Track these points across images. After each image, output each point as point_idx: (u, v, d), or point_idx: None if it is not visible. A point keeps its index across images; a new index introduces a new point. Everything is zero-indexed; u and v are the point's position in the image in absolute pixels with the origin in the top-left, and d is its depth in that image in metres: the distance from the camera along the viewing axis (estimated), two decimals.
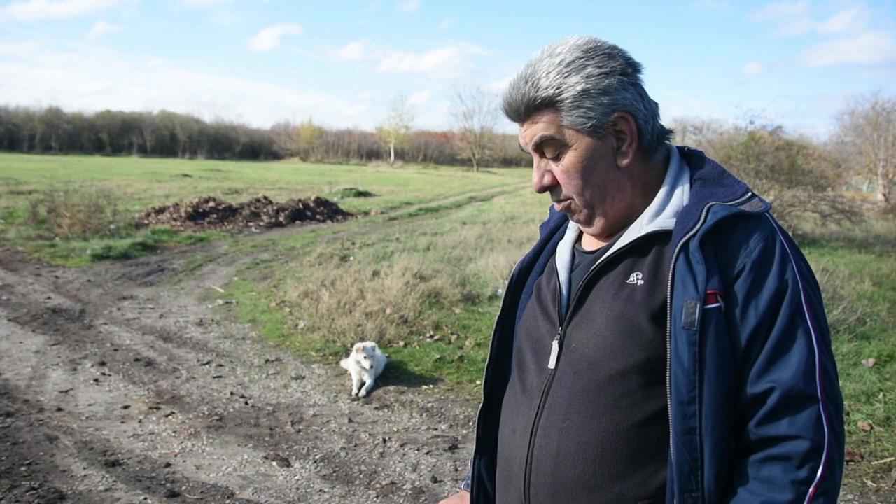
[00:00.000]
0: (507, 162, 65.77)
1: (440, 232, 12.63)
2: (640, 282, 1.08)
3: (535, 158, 1.15)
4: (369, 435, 4.15)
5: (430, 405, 4.66)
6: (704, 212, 1.04)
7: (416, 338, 6.01)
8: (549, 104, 1.08)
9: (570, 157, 1.11)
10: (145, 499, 3.30)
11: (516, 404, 1.19)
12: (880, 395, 4.49)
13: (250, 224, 13.67)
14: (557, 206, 1.19)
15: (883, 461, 3.70)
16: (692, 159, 1.19)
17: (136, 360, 5.34)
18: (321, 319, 6.35)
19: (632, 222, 1.14)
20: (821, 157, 15.41)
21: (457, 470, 3.74)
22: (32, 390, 4.62)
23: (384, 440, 4.08)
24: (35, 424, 4.07)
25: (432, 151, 65.68)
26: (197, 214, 13.58)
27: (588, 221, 1.16)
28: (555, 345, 1.14)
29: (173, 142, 60.89)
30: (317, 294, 7.15)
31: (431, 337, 6.03)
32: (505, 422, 1.23)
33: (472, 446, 1.30)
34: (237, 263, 9.63)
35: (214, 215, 13.79)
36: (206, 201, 14.48)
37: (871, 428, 4.07)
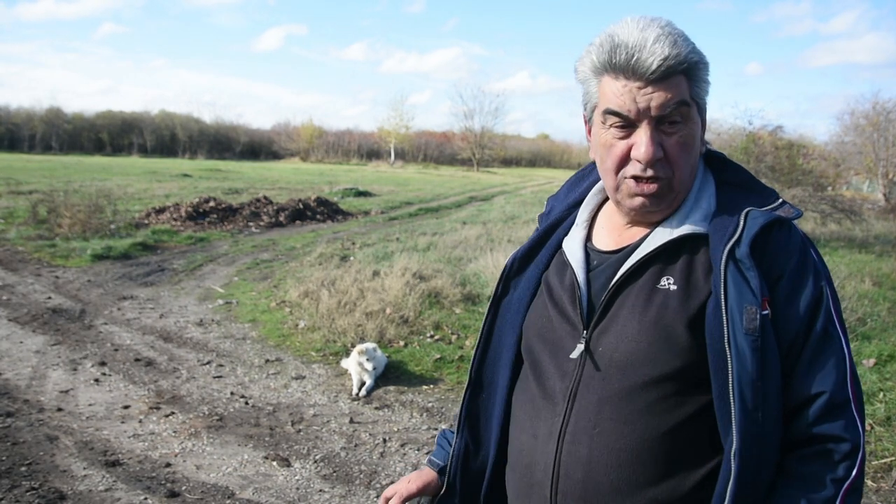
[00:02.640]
0: (507, 162, 65.75)
1: (440, 232, 12.63)
2: (673, 287, 1.07)
3: (647, 128, 1.03)
4: (369, 435, 4.15)
5: (430, 405, 4.66)
6: (743, 218, 1.04)
7: (416, 338, 6.01)
8: (686, 71, 1.03)
9: (688, 130, 1.06)
10: (145, 499, 3.30)
11: (535, 409, 1.16)
12: (881, 395, 4.49)
13: (250, 224, 13.67)
14: (642, 189, 1.07)
15: (883, 461, 3.70)
16: (714, 161, 1.19)
17: (137, 360, 5.34)
18: (321, 319, 6.35)
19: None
20: (821, 157, 15.40)
21: None
22: (32, 390, 4.62)
23: (384, 440, 4.08)
24: (35, 424, 4.07)
25: (432, 151, 65.64)
26: (197, 214, 13.58)
27: (667, 206, 1.11)
28: (580, 348, 1.11)
29: (173, 142, 60.85)
30: (317, 294, 7.15)
31: (431, 337, 6.03)
32: (522, 426, 1.19)
33: (446, 425, 1.29)
34: (237, 263, 9.63)
35: (214, 215, 13.79)
36: (207, 201, 14.48)
37: (872, 428, 4.07)
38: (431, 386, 5.02)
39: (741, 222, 1.04)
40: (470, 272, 8.34)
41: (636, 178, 1.07)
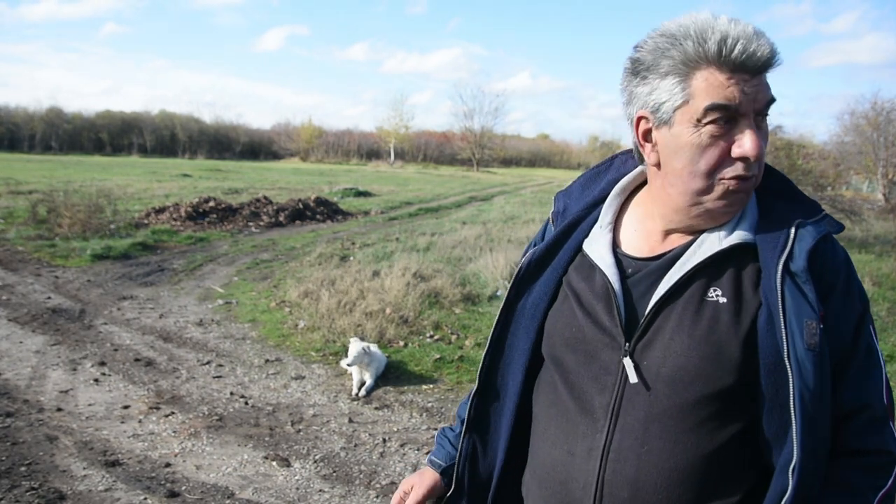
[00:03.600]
0: (507, 162, 65.80)
1: (440, 232, 12.63)
2: (723, 299, 1.02)
3: (751, 122, 0.98)
4: (369, 435, 4.15)
5: (430, 405, 4.66)
6: (793, 230, 1.01)
7: (416, 338, 6.01)
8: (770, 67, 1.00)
9: (765, 129, 1.02)
10: (145, 499, 3.30)
11: (570, 423, 1.11)
12: None
13: (250, 224, 13.67)
14: (739, 185, 1.01)
15: None
16: None
17: (136, 360, 5.34)
18: (321, 319, 6.35)
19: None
20: (821, 157, 15.40)
21: None
22: (32, 390, 4.62)
23: (384, 440, 4.08)
24: (35, 424, 4.07)
25: (432, 151, 65.68)
26: (197, 214, 13.58)
27: (740, 208, 1.06)
28: (627, 362, 1.06)
29: (173, 142, 60.87)
30: (317, 294, 7.15)
31: (431, 337, 6.03)
32: (553, 441, 1.14)
33: (446, 425, 1.29)
34: (237, 263, 9.63)
35: (214, 215, 13.79)
36: (206, 201, 14.48)
37: None
38: (431, 386, 5.02)
39: (792, 234, 1.01)
40: (470, 272, 8.34)
41: (739, 178, 1.00)
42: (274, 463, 3.73)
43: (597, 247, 1.15)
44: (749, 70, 0.97)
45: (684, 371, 1.01)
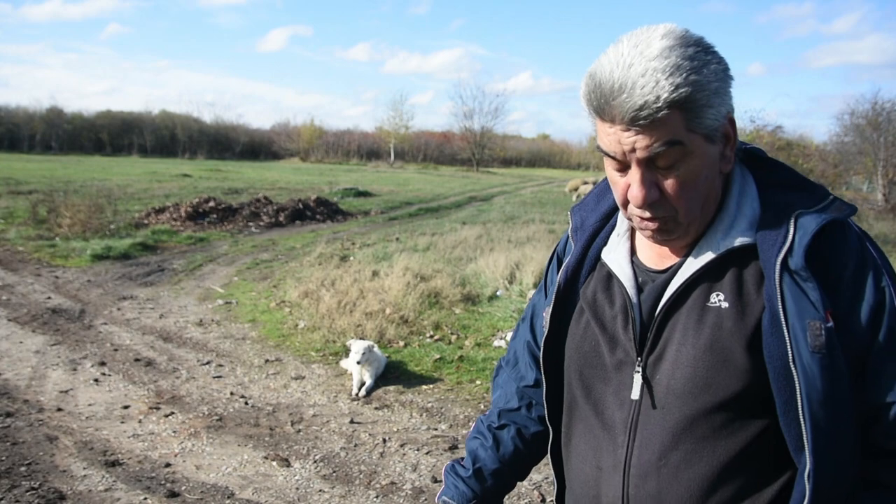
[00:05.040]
0: (507, 162, 65.77)
1: (440, 232, 12.63)
2: (725, 304, 1.00)
3: (637, 170, 0.96)
4: (369, 435, 4.15)
5: (430, 405, 4.66)
6: (792, 223, 0.96)
7: (416, 338, 6.01)
8: (680, 105, 0.90)
9: (689, 166, 0.95)
10: (145, 499, 3.30)
11: (596, 440, 1.11)
12: None
13: (250, 224, 13.67)
14: (646, 224, 1.01)
15: None
16: (751, 158, 1.10)
17: (136, 360, 5.34)
18: (321, 319, 6.35)
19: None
20: (821, 158, 15.40)
21: None
22: (32, 390, 4.62)
23: (384, 440, 4.08)
24: (35, 424, 4.07)
25: (432, 151, 65.61)
26: (197, 214, 13.58)
27: (682, 237, 1.03)
28: (637, 378, 1.05)
29: (173, 142, 60.80)
30: (317, 294, 7.15)
31: (431, 337, 6.03)
32: (584, 457, 1.14)
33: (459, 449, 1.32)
34: (237, 263, 9.63)
35: (214, 215, 13.79)
36: (206, 201, 14.48)
37: None
38: (431, 386, 5.02)
39: (791, 227, 0.96)
40: (470, 272, 8.34)
41: (643, 218, 1.01)
42: (274, 463, 3.73)
43: (615, 256, 1.13)
44: (620, 123, 0.93)
45: (692, 382, 1.00)
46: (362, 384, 4.87)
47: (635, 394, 1.05)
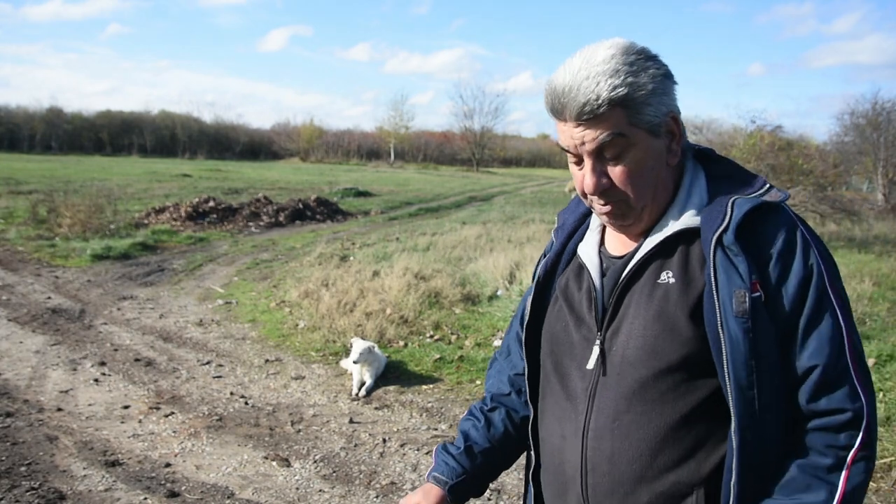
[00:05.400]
0: (507, 162, 65.78)
1: (440, 232, 12.63)
2: (672, 280, 1.12)
3: (588, 161, 1.11)
4: (369, 435, 4.15)
5: (430, 405, 4.66)
6: (730, 207, 1.09)
7: (416, 338, 6.01)
8: (619, 103, 1.06)
9: (634, 156, 1.10)
10: (145, 499, 3.30)
11: (562, 410, 1.22)
12: (880, 395, 4.49)
13: (250, 224, 13.67)
14: (602, 209, 1.16)
15: (883, 461, 3.70)
16: (703, 157, 1.24)
17: (136, 360, 5.34)
18: (321, 319, 6.35)
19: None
20: (821, 157, 15.40)
21: None
22: (32, 390, 4.62)
23: (384, 440, 4.08)
24: (35, 424, 4.07)
25: (432, 151, 65.63)
26: (197, 214, 13.58)
27: (636, 222, 1.17)
28: (595, 350, 1.17)
29: (173, 142, 60.81)
30: (317, 294, 7.15)
31: (431, 337, 6.03)
32: (551, 430, 1.25)
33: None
34: (237, 263, 9.63)
35: (214, 215, 13.80)
36: (206, 201, 14.49)
37: None
38: (431, 386, 5.02)
39: (728, 211, 1.08)
40: (470, 272, 8.34)
41: (598, 203, 1.16)
42: (274, 463, 3.73)
43: (586, 248, 1.27)
44: (568, 119, 1.09)
45: (643, 350, 1.11)
46: (362, 384, 4.87)
47: (591, 364, 1.17)
